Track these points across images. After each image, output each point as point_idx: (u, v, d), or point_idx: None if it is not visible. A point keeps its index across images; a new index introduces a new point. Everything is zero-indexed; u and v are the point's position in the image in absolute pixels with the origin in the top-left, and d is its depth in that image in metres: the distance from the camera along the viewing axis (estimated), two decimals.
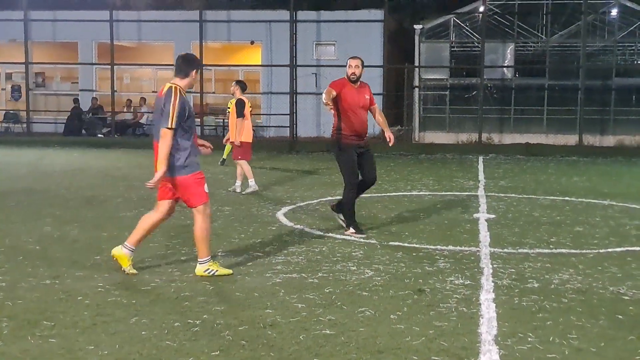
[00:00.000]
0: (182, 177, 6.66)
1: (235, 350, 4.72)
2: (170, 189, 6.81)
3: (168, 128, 6.48)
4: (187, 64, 6.76)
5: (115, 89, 27.53)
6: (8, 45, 30.18)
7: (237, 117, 12.71)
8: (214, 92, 29.93)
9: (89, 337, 4.95)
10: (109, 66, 27.29)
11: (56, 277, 6.60)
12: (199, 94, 27.54)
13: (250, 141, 13.02)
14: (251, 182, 12.74)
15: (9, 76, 31.38)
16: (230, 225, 9.49)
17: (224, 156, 17.95)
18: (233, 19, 28.24)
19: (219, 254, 7.67)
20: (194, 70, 6.79)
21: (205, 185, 6.81)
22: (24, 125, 28.70)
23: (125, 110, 29.43)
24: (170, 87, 6.63)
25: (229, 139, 13.38)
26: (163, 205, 6.96)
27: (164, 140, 6.49)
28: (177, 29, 27.82)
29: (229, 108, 17.45)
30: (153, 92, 30.01)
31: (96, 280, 6.50)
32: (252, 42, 28.47)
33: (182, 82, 6.71)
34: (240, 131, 12.72)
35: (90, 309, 5.61)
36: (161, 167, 6.53)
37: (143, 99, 28.92)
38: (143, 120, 28.47)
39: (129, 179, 14.70)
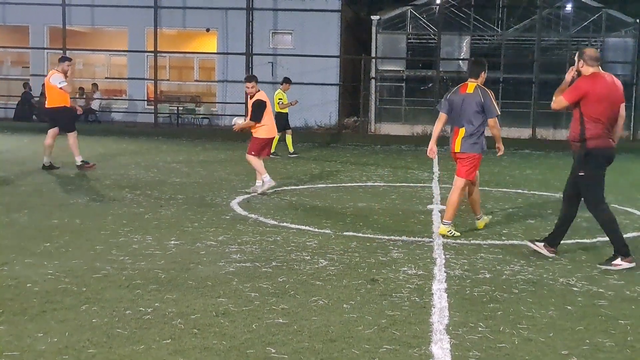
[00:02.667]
0: (474, 155, 8.46)
1: (186, 338, 4.68)
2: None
3: (497, 116, 8.38)
4: (477, 67, 8.66)
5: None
6: None
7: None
8: (168, 80, 29.60)
9: (37, 325, 4.85)
10: (61, 51, 26.76)
11: (4, 264, 6.45)
12: (152, 82, 27.22)
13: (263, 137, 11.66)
14: (265, 176, 11.51)
15: None
16: (184, 214, 9.40)
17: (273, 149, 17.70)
18: (188, 5, 27.91)
19: (172, 241, 7.60)
20: (483, 72, 8.57)
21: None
22: None
23: (77, 96, 28.92)
24: (477, 86, 8.45)
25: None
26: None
27: (497, 125, 8.52)
28: (131, 15, 27.39)
29: (281, 100, 17.63)
30: (106, 78, 29.61)
31: (46, 268, 6.38)
32: (207, 30, 28.21)
33: (478, 82, 8.49)
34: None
35: (39, 296, 5.50)
36: (502, 146, 8.72)
37: (95, 85, 28.46)
38: (95, 107, 28.02)
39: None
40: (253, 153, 11.42)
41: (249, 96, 11.76)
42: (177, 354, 4.40)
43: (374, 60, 27.53)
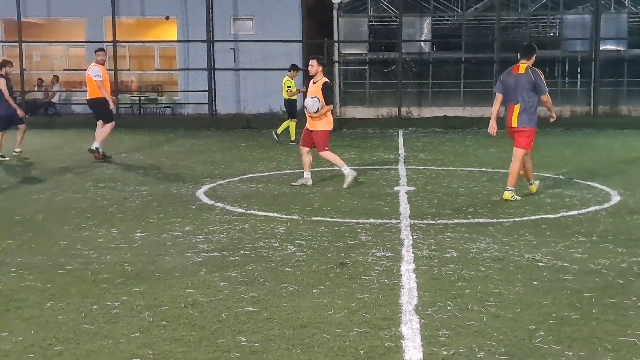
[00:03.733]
0: (531, 129, 9.59)
1: (155, 331, 4.64)
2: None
3: (547, 92, 9.54)
4: (529, 49, 9.66)
5: (24, 67, 26.53)
6: None
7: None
8: (128, 69, 29.24)
9: (2, 324, 4.77)
10: (17, 44, 26.27)
11: None
12: (113, 72, 26.85)
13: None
14: (345, 168, 10.86)
15: None
16: (149, 205, 9.31)
17: (279, 131, 17.97)
18: None
19: (137, 233, 7.53)
20: (534, 54, 9.61)
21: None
22: None
23: (36, 89, 28.47)
24: (528, 67, 9.47)
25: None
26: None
27: (549, 99, 9.65)
28: (88, 4, 26.95)
29: (289, 87, 17.47)
30: (65, 70, 29.14)
31: (9, 265, 6.27)
32: (167, 18, 27.89)
33: (529, 63, 9.52)
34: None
35: (3, 295, 5.41)
36: (554, 114, 10.06)
37: (55, 77, 28.00)
38: (55, 99, 27.60)
39: (42, 160, 14.24)
40: (326, 148, 10.86)
41: (311, 79, 11.06)
42: (146, 347, 4.36)
43: (336, 44, 27.47)
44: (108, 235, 7.48)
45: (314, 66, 10.94)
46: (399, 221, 8.16)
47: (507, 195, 9.51)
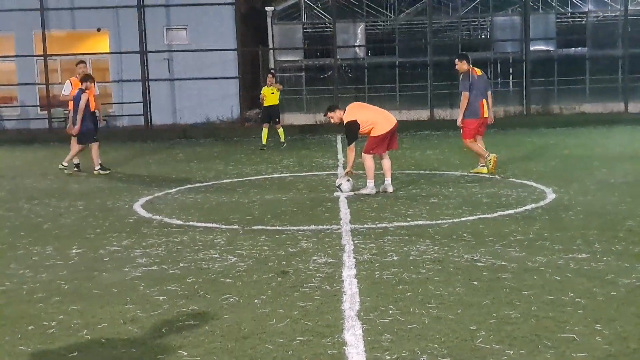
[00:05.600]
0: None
1: (94, 349, 4.53)
2: None
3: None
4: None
5: None
6: None
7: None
8: (60, 83, 28.60)
9: None
10: None
11: None
12: (44, 86, 26.28)
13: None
14: (370, 183, 10.62)
15: None
16: (85, 220, 9.12)
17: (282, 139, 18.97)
18: (77, 5, 27.07)
19: (73, 249, 7.36)
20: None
21: None
22: None
23: None
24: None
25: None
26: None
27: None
28: (17, 18, 26.34)
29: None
30: None
31: None
32: (98, 29, 27.46)
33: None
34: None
35: None
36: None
37: None
38: None
39: None
40: (370, 152, 10.55)
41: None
42: None
43: (271, 51, 27.45)
44: (43, 253, 7.29)
45: (333, 118, 10.64)
46: (339, 227, 8.17)
47: (482, 169, 12.21)
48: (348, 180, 10.62)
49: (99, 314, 5.24)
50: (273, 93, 18.95)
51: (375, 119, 10.47)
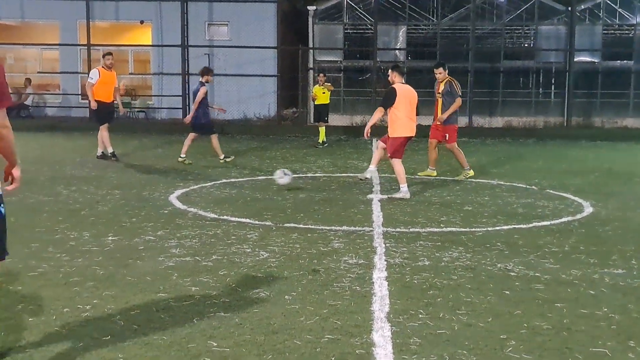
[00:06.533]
0: None
1: (126, 334, 4.59)
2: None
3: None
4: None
5: None
6: None
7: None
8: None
9: None
10: None
11: None
12: (86, 75, 26.61)
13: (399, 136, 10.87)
14: (403, 187, 10.53)
15: None
16: (121, 209, 9.24)
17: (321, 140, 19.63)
18: None
19: (109, 237, 7.46)
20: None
21: None
22: None
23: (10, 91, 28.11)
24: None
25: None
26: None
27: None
28: (63, 8, 26.69)
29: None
30: (38, 72, 28.85)
31: None
32: (141, 22, 27.71)
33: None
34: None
35: None
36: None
37: (28, 80, 27.70)
38: (28, 102, 27.30)
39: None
40: (397, 156, 10.67)
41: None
42: (117, 351, 4.33)
43: (311, 51, 27.50)
44: (80, 239, 7.41)
45: (390, 76, 11.37)
46: (371, 229, 8.17)
47: (432, 172, 13.12)
48: (286, 175, 11.14)
49: (132, 300, 5.32)
50: (324, 93, 19.61)
51: (400, 114, 10.85)
